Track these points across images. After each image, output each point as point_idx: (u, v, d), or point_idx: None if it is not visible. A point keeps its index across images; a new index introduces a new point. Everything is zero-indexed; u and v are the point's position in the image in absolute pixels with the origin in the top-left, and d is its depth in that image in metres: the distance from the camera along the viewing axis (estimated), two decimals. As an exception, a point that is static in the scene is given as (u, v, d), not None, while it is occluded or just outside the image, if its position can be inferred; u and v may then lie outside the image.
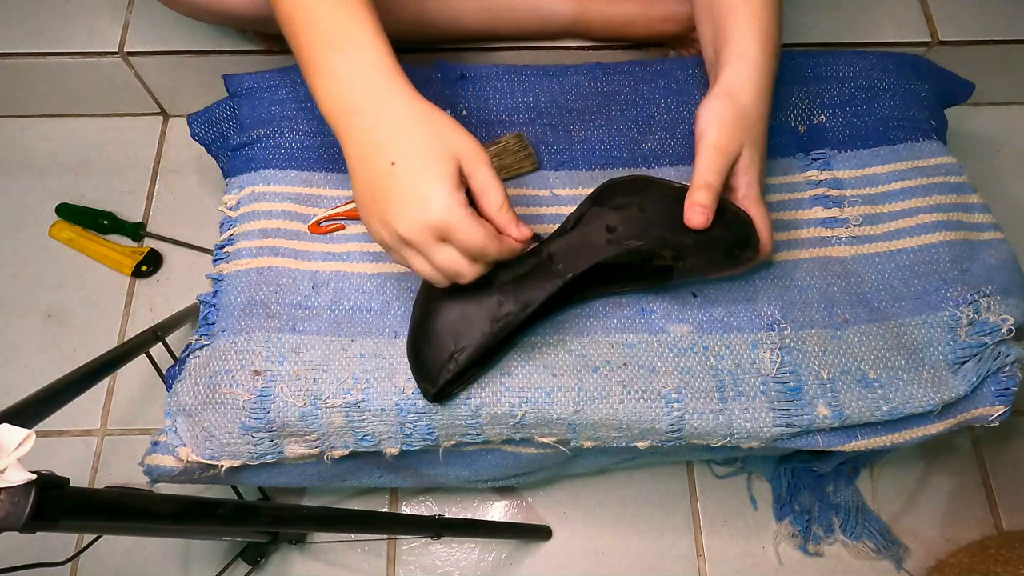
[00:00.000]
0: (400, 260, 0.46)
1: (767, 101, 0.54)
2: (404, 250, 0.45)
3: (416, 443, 0.53)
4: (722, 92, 0.53)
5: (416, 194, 0.43)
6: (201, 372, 0.54)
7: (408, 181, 0.43)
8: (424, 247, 0.44)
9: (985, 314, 0.54)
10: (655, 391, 0.53)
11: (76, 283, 0.85)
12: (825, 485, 0.75)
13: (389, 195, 0.43)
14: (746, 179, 0.52)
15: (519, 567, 0.75)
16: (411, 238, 0.43)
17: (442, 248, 0.44)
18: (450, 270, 0.45)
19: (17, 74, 0.86)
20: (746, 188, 0.52)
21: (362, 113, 0.44)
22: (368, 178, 0.44)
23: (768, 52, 0.54)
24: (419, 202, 0.42)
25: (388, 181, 0.43)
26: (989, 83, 0.85)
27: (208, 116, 0.67)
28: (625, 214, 0.51)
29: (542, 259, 0.50)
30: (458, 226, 0.43)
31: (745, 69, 0.53)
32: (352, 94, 0.45)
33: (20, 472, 0.30)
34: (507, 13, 0.74)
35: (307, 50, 0.46)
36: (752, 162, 0.52)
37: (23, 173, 0.91)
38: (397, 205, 0.43)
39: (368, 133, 0.44)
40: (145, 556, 0.74)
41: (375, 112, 0.44)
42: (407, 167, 0.43)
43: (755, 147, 0.52)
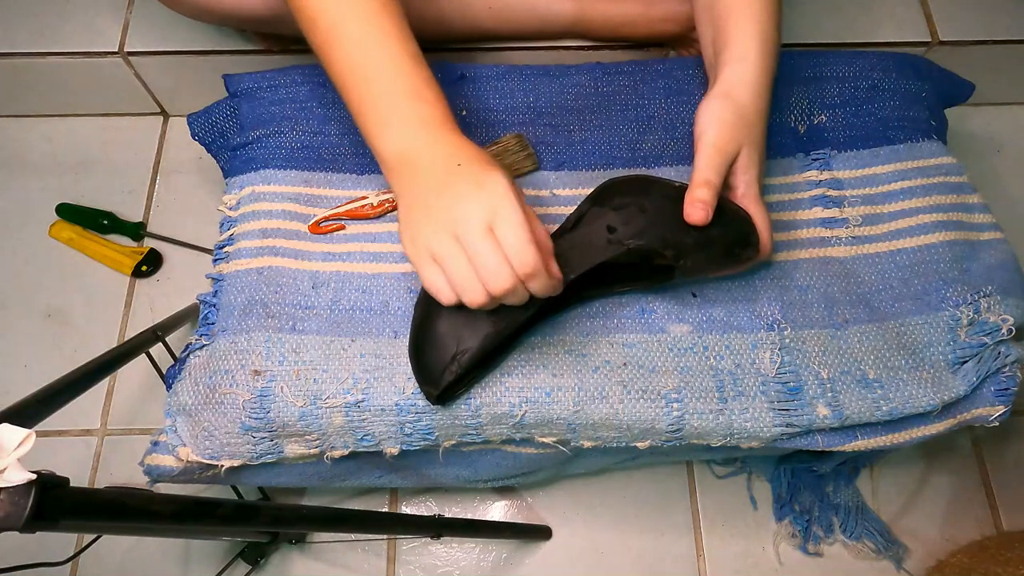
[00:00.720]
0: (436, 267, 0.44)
1: (766, 101, 0.54)
2: (446, 252, 0.43)
3: (416, 443, 0.53)
4: (721, 92, 0.53)
5: (476, 182, 0.44)
6: (201, 372, 0.54)
7: (472, 172, 0.44)
8: (468, 232, 0.42)
9: (985, 314, 0.54)
10: (655, 391, 0.53)
11: (76, 283, 0.85)
12: (825, 485, 0.75)
13: (453, 188, 0.44)
14: (745, 178, 0.53)
15: (519, 567, 0.75)
16: (459, 220, 0.43)
17: (486, 247, 0.42)
18: (491, 278, 0.42)
19: (17, 74, 0.86)
20: (745, 187, 0.53)
21: (429, 152, 0.46)
22: (430, 190, 0.45)
23: (767, 53, 0.54)
24: (477, 186, 0.44)
25: (453, 178, 0.44)
26: (989, 83, 0.85)
27: (208, 116, 0.67)
28: (625, 214, 0.51)
29: None
30: (510, 215, 0.42)
31: (745, 70, 0.53)
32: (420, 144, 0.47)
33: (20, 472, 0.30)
34: (507, 13, 0.74)
35: (368, 111, 0.48)
36: (751, 162, 0.52)
37: (23, 173, 0.91)
38: (458, 194, 0.43)
39: (437, 158, 0.46)
40: (145, 556, 0.74)
41: (444, 146, 0.46)
42: (472, 166, 0.45)
43: (754, 147, 0.53)
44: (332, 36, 0.48)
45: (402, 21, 0.49)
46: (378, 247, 0.59)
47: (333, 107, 0.65)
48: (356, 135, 0.63)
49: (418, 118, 0.47)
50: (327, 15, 0.48)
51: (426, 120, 0.47)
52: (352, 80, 0.48)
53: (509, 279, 0.43)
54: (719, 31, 0.56)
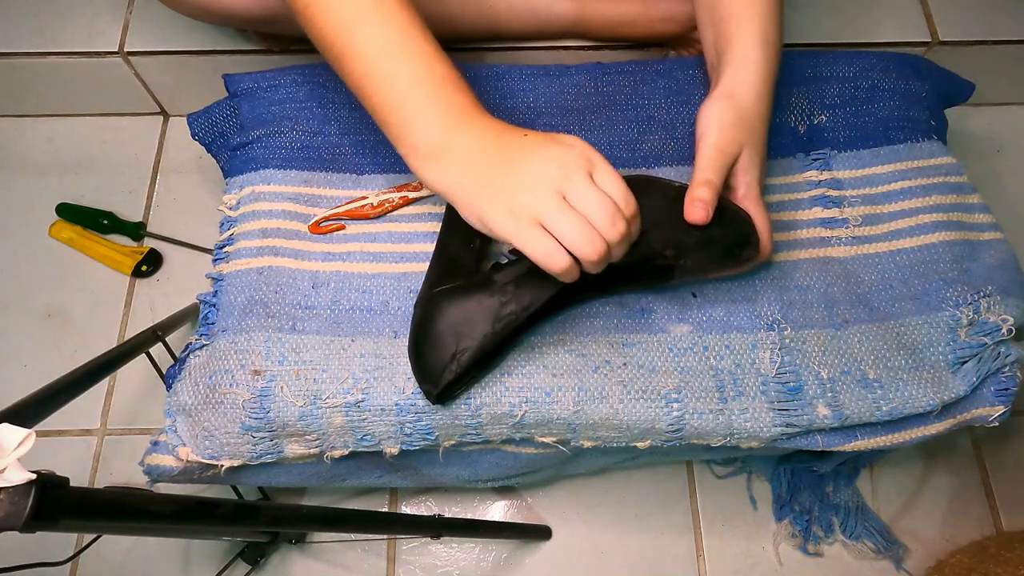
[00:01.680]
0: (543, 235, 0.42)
1: (768, 103, 0.54)
2: (554, 208, 0.42)
3: (416, 443, 0.53)
4: (723, 94, 0.53)
5: (559, 141, 0.44)
6: (201, 372, 0.54)
7: (545, 137, 0.45)
8: (579, 189, 0.42)
9: (985, 314, 0.54)
10: (655, 391, 0.53)
11: (76, 283, 0.85)
12: (825, 485, 0.75)
13: (533, 153, 0.44)
14: (746, 179, 0.53)
15: (519, 567, 0.75)
16: (562, 175, 0.42)
17: (596, 192, 0.42)
18: (606, 223, 0.42)
19: (17, 74, 0.86)
20: (746, 188, 0.53)
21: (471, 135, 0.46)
22: (497, 165, 0.44)
23: (769, 55, 0.54)
24: (564, 145, 0.44)
25: (526, 147, 0.44)
26: (989, 83, 0.85)
27: (208, 116, 0.67)
28: None
29: None
30: (602, 163, 0.43)
31: (746, 71, 0.53)
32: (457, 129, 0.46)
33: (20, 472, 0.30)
34: (507, 13, 0.74)
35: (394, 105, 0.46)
36: (752, 163, 0.53)
37: (23, 173, 0.91)
38: (543, 156, 0.43)
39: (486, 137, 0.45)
40: (145, 556, 0.74)
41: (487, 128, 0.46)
42: (539, 134, 0.45)
43: (755, 148, 0.53)
44: (347, 34, 0.47)
45: (419, 16, 0.48)
46: (378, 247, 0.59)
47: (333, 107, 0.65)
48: (356, 135, 0.64)
49: (456, 105, 0.46)
50: (340, 16, 0.47)
51: (464, 107, 0.46)
52: (373, 77, 0.46)
53: (623, 223, 0.43)
54: (721, 32, 0.56)
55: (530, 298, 0.49)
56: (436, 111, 0.46)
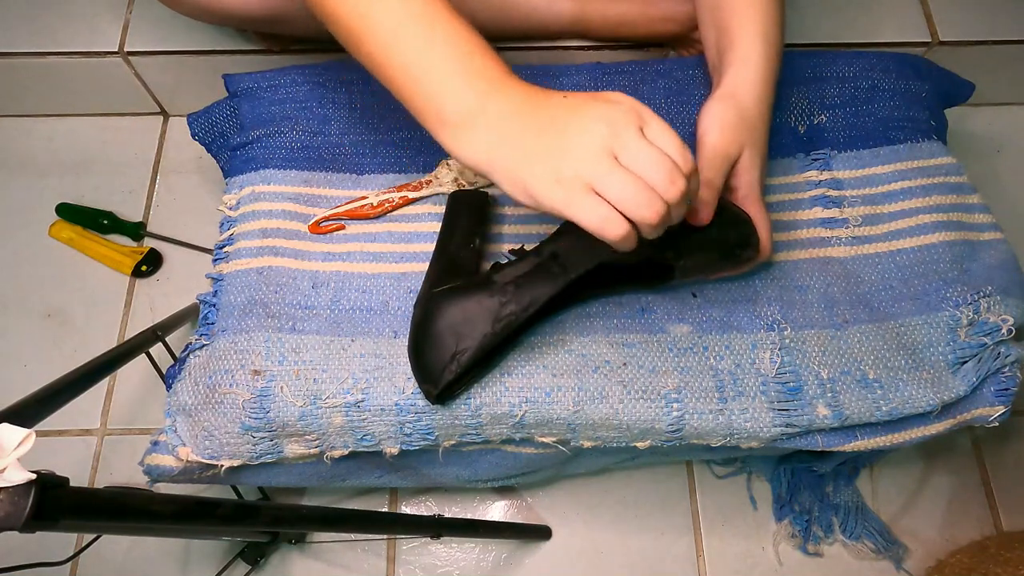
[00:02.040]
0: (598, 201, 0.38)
1: (769, 104, 0.54)
2: (605, 170, 0.38)
3: (416, 443, 0.53)
4: (725, 94, 0.53)
5: (602, 99, 0.40)
6: (201, 372, 0.54)
7: (587, 96, 0.41)
8: (632, 146, 0.38)
9: (985, 314, 0.54)
10: (655, 391, 0.53)
11: (76, 283, 0.85)
12: (825, 485, 0.75)
13: (577, 114, 0.40)
14: (746, 180, 0.53)
15: (519, 567, 0.75)
16: (613, 133, 0.38)
17: (650, 149, 0.38)
18: (665, 182, 0.38)
19: (17, 74, 0.86)
20: (746, 189, 0.53)
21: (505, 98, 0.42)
22: (539, 129, 0.40)
23: (771, 55, 0.54)
24: (611, 102, 0.40)
25: (569, 108, 0.40)
26: (989, 83, 0.85)
27: (208, 116, 0.67)
28: None
29: (544, 259, 0.50)
30: (656, 118, 0.40)
31: (748, 72, 0.54)
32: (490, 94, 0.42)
33: (20, 472, 0.30)
34: (508, 13, 0.74)
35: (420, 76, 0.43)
36: (753, 163, 0.53)
37: (23, 173, 0.91)
38: (589, 116, 0.39)
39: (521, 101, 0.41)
40: (145, 556, 0.74)
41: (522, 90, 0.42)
42: (579, 95, 0.41)
43: (756, 149, 0.53)
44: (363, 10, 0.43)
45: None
46: (378, 247, 0.59)
47: (333, 107, 0.65)
48: (356, 135, 0.64)
49: (486, 70, 0.42)
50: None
51: (495, 72, 0.42)
52: (395, 48, 0.43)
53: (682, 179, 0.39)
54: (722, 32, 0.56)
55: (530, 298, 0.49)
56: (464, 77, 0.42)
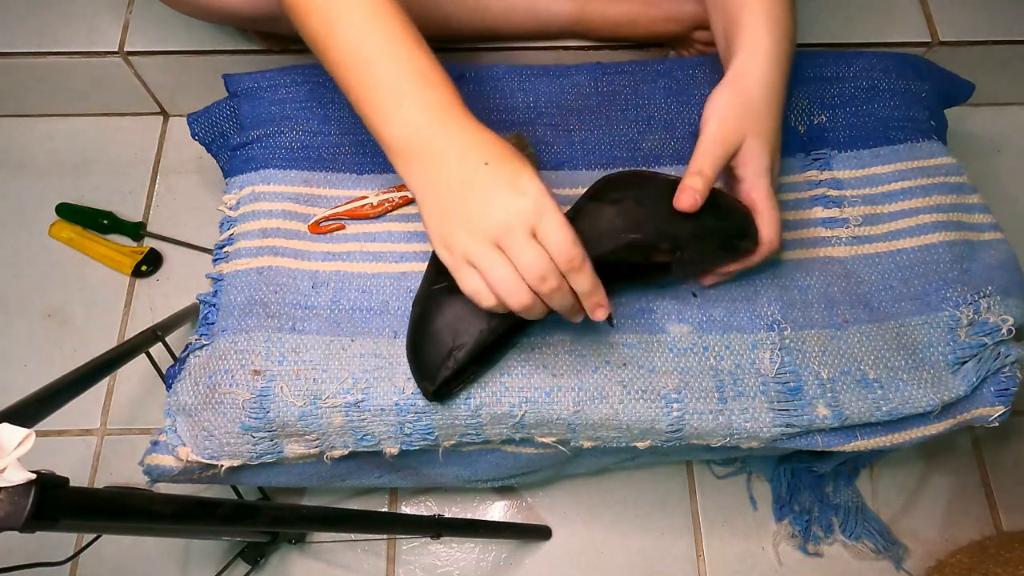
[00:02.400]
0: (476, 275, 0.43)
1: (778, 91, 0.53)
2: (486, 256, 0.42)
3: (416, 443, 0.53)
4: (729, 81, 0.52)
5: (511, 185, 0.42)
6: (201, 372, 0.54)
7: (504, 173, 0.43)
8: (514, 238, 0.42)
9: (985, 314, 0.54)
10: (655, 391, 0.53)
11: (76, 283, 0.85)
12: (825, 485, 0.75)
13: (484, 190, 0.43)
14: (752, 169, 0.51)
15: (519, 567, 0.75)
16: (503, 227, 0.42)
17: (530, 248, 0.42)
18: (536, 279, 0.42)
19: (17, 74, 0.86)
20: (753, 178, 0.52)
21: (443, 139, 0.44)
22: (453, 187, 0.43)
23: (779, 41, 0.53)
24: (514, 190, 0.42)
25: (482, 179, 0.43)
26: (989, 83, 0.85)
27: (208, 116, 0.67)
28: (622, 208, 0.51)
29: None
30: (552, 216, 0.42)
31: (755, 59, 0.52)
32: (432, 130, 0.45)
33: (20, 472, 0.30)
34: (507, 13, 0.74)
35: (372, 98, 0.45)
36: (758, 151, 0.51)
37: (23, 173, 0.91)
38: (491, 197, 0.42)
39: (454, 148, 0.44)
40: (145, 556, 0.74)
41: (460, 134, 0.45)
42: (501, 165, 0.43)
43: (762, 138, 0.51)
44: (329, 23, 0.46)
45: (401, 7, 0.47)
46: (378, 247, 0.59)
47: (333, 107, 0.65)
48: (356, 135, 0.64)
49: (428, 101, 0.45)
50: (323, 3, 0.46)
51: (436, 103, 0.45)
52: (353, 67, 0.46)
53: (555, 279, 0.42)
54: (731, 20, 0.55)
55: None
56: (409, 107, 0.45)
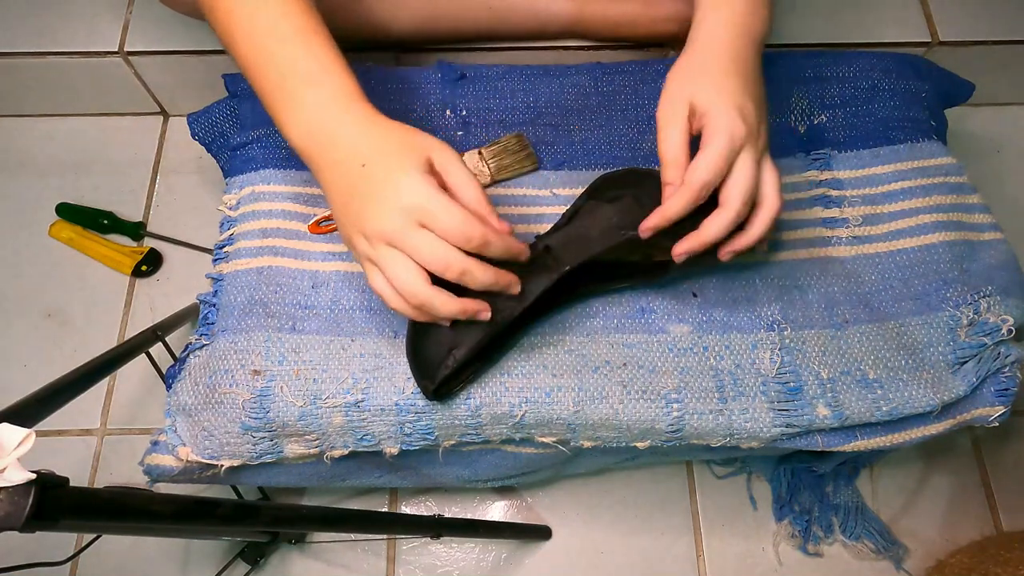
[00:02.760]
0: (380, 275, 0.44)
1: (735, 52, 0.49)
2: (384, 254, 0.43)
3: (416, 443, 0.53)
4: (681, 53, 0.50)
5: (389, 185, 0.43)
6: (201, 372, 0.54)
7: (380, 176, 0.43)
8: (402, 236, 0.42)
9: (985, 314, 0.54)
10: (655, 391, 0.53)
11: (76, 283, 0.85)
12: (825, 485, 0.75)
13: (363, 195, 0.43)
14: (709, 128, 0.46)
15: (519, 567, 0.75)
16: (388, 229, 0.42)
17: (421, 233, 0.42)
18: (436, 259, 0.42)
19: (17, 74, 0.86)
20: (711, 132, 0.46)
21: (333, 135, 0.45)
22: (342, 188, 0.44)
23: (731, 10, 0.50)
24: (392, 191, 0.43)
25: (361, 182, 0.43)
26: (989, 83, 0.85)
27: (208, 116, 0.67)
28: (620, 206, 0.51)
29: (538, 252, 0.50)
30: (435, 206, 0.42)
31: (700, 26, 0.50)
32: (324, 122, 0.45)
33: (20, 471, 0.30)
34: (507, 13, 0.74)
35: (273, 88, 0.46)
36: (711, 109, 0.46)
37: (23, 173, 0.91)
38: (371, 202, 0.43)
39: (338, 148, 0.45)
40: (145, 556, 0.74)
41: (346, 131, 0.45)
42: (377, 166, 0.44)
43: (715, 94, 0.47)
44: (232, 20, 0.47)
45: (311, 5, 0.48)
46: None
47: (333, 107, 0.65)
48: (356, 135, 0.64)
49: (324, 94, 0.45)
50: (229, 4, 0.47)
51: (334, 95, 0.45)
52: (256, 63, 0.46)
53: (460, 261, 0.42)
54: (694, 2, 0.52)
55: (525, 291, 0.49)
56: (306, 107, 0.45)
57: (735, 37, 0.49)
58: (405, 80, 0.66)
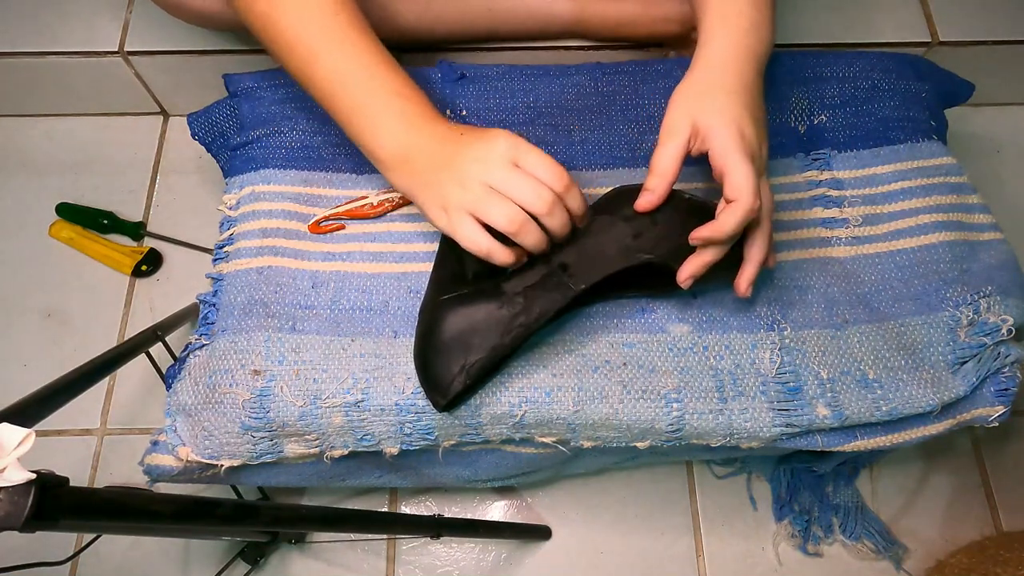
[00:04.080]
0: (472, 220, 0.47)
1: (738, 72, 0.50)
2: (486, 196, 0.47)
3: (416, 443, 0.53)
4: (686, 75, 0.51)
5: (485, 139, 0.48)
6: (201, 372, 0.54)
7: (481, 136, 0.49)
8: (502, 176, 0.46)
9: (985, 314, 0.54)
10: (655, 391, 0.53)
11: (76, 283, 0.85)
12: (825, 485, 0.75)
13: (465, 149, 0.48)
14: (716, 147, 0.48)
15: (519, 567, 0.75)
16: (495, 173, 0.47)
17: (518, 175, 0.47)
18: (541, 200, 0.46)
19: (17, 74, 0.86)
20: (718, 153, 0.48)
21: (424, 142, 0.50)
22: (439, 166, 0.49)
23: (733, 31, 0.51)
24: (493, 141, 0.48)
25: (463, 143, 0.49)
26: (989, 83, 0.85)
27: (208, 116, 0.67)
28: (637, 224, 0.50)
29: (553, 269, 0.50)
30: (527, 149, 0.47)
31: (705, 51, 0.52)
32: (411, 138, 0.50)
33: (20, 471, 0.30)
34: (508, 14, 0.74)
35: (355, 121, 0.51)
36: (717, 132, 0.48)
37: (23, 173, 0.91)
38: (475, 152, 0.48)
39: (434, 144, 0.50)
40: (145, 556, 0.74)
41: (436, 133, 0.50)
42: (473, 132, 0.50)
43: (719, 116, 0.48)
44: (311, 59, 0.51)
45: (371, 33, 0.53)
46: (378, 247, 0.59)
47: (333, 107, 0.65)
48: (356, 135, 0.64)
49: (406, 115, 0.50)
50: (303, 41, 0.51)
51: (415, 115, 0.51)
52: (337, 95, 0.51)
53: (549, 196, 0.46)
54: (697, 19, 0.54)
55: (540, 310, 0.49)
56: (391, 123, 0.51)
57: (739, 60, 0.51)
58: (405, 80, 0.66)
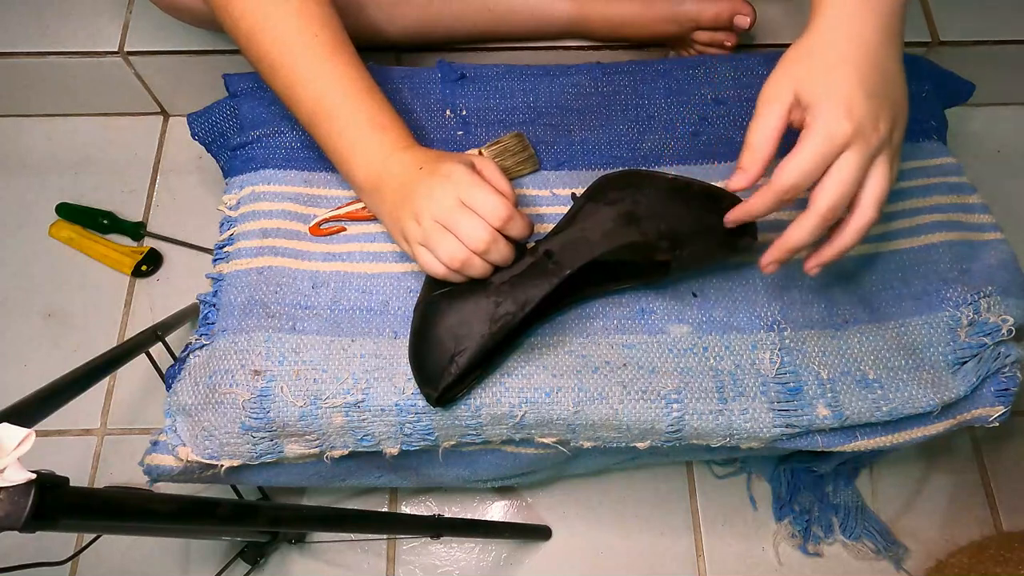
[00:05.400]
0: (428, 251, 0.49)
1: (857, 36, 0.43)
2: (434, 233, 0.49)
3: (416, 443, 0.53)
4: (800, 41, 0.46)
5: (441, 176, 0.50)
6: (201, 372, 0.54)
7: (434, 171, 0.51)
8: (452, 217, 0.48)
9: (985, 314, 0.54)
10: (655, 392, 0.53)
11: (76, 283, 0.85)
12: (825, 485, 0.75)
13: (418, 186, 0.50)
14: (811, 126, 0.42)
15: (519, 567, 0.75)
16: (441, 210, 0.49)
17: (469, 216, 0.48)
18: (478, 239, 0.48)
19: (17, 74, 0.86)
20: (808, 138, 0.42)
21: (393, 169, 0.53)
22: (401, 195, 0.51)
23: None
24: (444, 179, 0.50)
25: (418, 178, 0.51)
26: (989, 83, 0.85)
27: (208, 116, 0.67)
28: (620, 208, 0.51)
29: (538, 257, 0.50)
30: (480, 190, 0.49)
31: (819, 17, 0.46)
32: (383, 166, 0.53)
33: (20, 471, 0.30)
34: (508, 14, 0.74)
35: (336, 146, 0.54)
36: (816, 109, 0.42)
37: (23, 173, 0.91)
38: (426, 189, 0.50)
39: (402, 173, 0.52)
40: (145, 556, 0.74)
41: (405, 161, 0.53)
42: (432, 165, 0.51)
43: (817, 82, 0.43)
44: (294, 81, 0.54)
45: (351, 54, 0.55)
46: (378, 247, 0.59)
47: (333, 107, 0.65)
48: (356, 135, 0.64)
49: (382, 145, 0.53)
50: (285, 64, 0.54)
51: (389, 144, 0.53)
52: (317, 119, 0.54)
53: (486, 236, 0.48)
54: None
55: (525, 297, 0.49)
56: (367, 152, 0.53)
57: (856, 16, 0.44)
58: (405, 80, 0.66)
